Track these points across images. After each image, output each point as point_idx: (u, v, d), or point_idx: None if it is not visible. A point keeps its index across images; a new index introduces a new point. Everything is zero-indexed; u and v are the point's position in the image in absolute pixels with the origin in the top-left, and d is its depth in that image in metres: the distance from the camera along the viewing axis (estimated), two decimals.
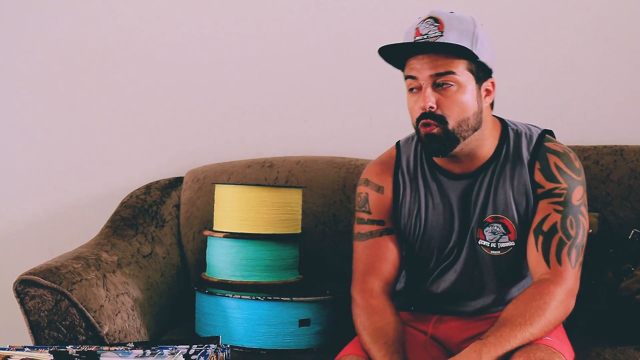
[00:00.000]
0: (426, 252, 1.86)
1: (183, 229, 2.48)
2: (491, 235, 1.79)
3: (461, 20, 1.71)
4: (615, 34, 2.53)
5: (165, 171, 2.68)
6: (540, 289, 1.65)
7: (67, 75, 2.74)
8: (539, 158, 1.77)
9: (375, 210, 1.87)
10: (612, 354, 1.88)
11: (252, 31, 2.67)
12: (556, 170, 1.76)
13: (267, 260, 2.08)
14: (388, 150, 1.94)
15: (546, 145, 1.79)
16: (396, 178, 1.87)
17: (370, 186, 1.89)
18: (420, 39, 1.69)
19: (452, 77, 1.69)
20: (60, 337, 1.93)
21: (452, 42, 1.66)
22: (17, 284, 1.96)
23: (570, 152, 1.79)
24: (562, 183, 1.74)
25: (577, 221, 1.73)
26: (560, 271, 1.67)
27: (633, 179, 2.30)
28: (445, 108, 1.70)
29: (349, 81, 2.64)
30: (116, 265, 2.15)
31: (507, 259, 1.80)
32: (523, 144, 1.80)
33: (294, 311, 1.98)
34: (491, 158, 1.79)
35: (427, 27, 1.70)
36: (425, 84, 1.70)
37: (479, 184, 1.79)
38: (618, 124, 2.52)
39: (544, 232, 1.72)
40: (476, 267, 1.82)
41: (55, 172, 2.75)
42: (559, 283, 1.66)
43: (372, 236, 1.86)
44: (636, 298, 1.99)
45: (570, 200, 1.73)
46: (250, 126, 2.68)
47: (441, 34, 1.68)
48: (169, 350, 1.75)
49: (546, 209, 1.74)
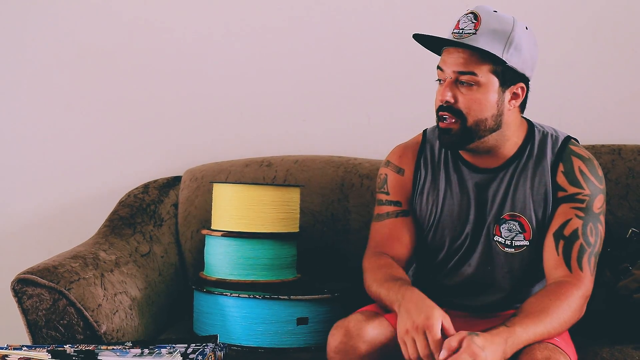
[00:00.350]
0: (439, 242, 1.87)
1: (181, 228, 2.48)
2: (507, 232, 1.80)
3: (500, 20, 1.72)
4: (613, 34, 2.53)
5: (163, 170, 2.68)
6: (563, 289, 1.66)
7: (65, 74, 2.74)
8: (563, 160, 1.79)
9: (393, 191, 1.89)
10: (610, 353, 1.88)
11: (250, 30, 2.67)
12: (580, 176, 1.77)
13: (265, 259, 2.08)
14: (414, 137, 1.95)
15: (571, 148, 1.81)
16: (418, 163, 1.89)
17: (390, 167, 1.91)
18: (456, 32, 1.71)
19: (473, 78, 1.71)
20: (58, 336, 1.93)
21: (482, 42, 1.68)
22: (15, 283, 1.96)
23: (594, 159, 1.81)
24: (586, 189, 1.76)
25: (596, 229, 1.74)
26: (582, 276, 1.69)
27: (631, 178, 2.30)
28: (463, 105, 1.72)
29: (347, 80, 2.64)
30: (114, 264, 2.15)
31: (520, 258, 1.81)
32: (548, 145, 1.81)
33: (291, 310, 1.98)
34: (514, 156, 1.81)
35: (465, 22, 1.71)
36: (448, 78, 1.73)
37: (500, 180, 1.81)
38: (616, 123, 2.53)
39: (565, 237, 1.73)
40: (490, 263, 1.83)
41: (53, 171, 2.75)
42: (579, 287, 1.68)
43: (389, 217, 1.88)
44: (634, 297, 1.99)
45: (591, 208, 1.75)
46: (248, 125, 2.68)
47: (474, 32, 1.69)
48: (166, 349, 1.75)
49: (567, 213, 1.75)
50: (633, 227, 2.19)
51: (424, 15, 2.58)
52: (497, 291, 1.85)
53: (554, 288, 1.67)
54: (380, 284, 1.72)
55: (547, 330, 1.61)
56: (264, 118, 2.67)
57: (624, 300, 2.00)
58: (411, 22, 2.52)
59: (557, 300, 1.63)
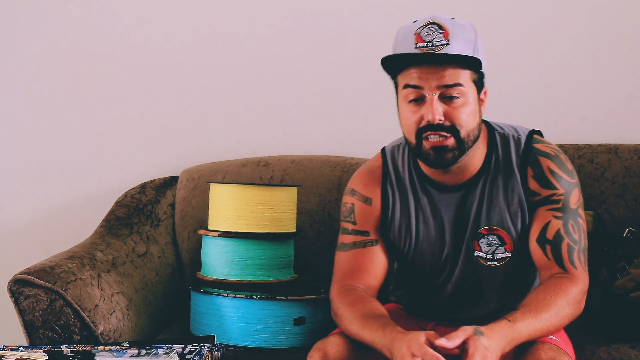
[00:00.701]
0: (419, 265, 1.82)
1: (178, 228, 2.48)
2: (487, 246, 1.75)
3: (463, 27, 1.66)
4: (610, 33, 2.53)
5: (160, 170, 2.68)
6: (561, 285, 1.63)
7: (62, 75, 2.74)
8: (531, 163, 1.73)
9: (360, 221, 1.82)
10: (607, 352, 1.88)
11: (247, 31, 2.67)
12: (551, 176, 1.72)
13: (262, 259, 2.08)
14: (373, 159, 1.88)
15: (536, 147, 1.74)
16: (384, 190, 1.82)
17: (357, 196, 1.83)
18: (424, 46, 1.62)
19: (459, 89, 1.64)
20: (54, 337, 1.93)
21: (458, 51, 1.62)
22: (12, 284, 1.95)
23: (561, 153, 1.75)
24: (559, 188, 1.71)
25: (577, 225, 1.71)
26: (577, 273, 1.67)
27: (627, 177, 2.30)
28: (454, 118, 1.64)
29: (344, 81, 2.64)
30: (111, 265, 2.14)
31: (504, 269, 1.77)
32: (512, 149, 1.75)
33: (288, 310, 1.98)
34: (482, 169, 1.75)
35: (430, 34, 1.63)
36: (431, 94, 1.64)
37: (471, 196, 1.75)
38: (613, 122, 2.53)
39: (549, 241, 1.69)
40: (473, 278, 1.78)
41: (50, 172, 2.75)
42: (577, 283, 1.65)
43: (356, 247, 1.80)
44: (630, 296, 1.99)
45: (568, 205, 1.71)
46: (245, 125, 2.68)
47: (447, 42, 1.62)
48: (163, 350, 1.75)
49: (545, 216, 1.71)
50: (630, 226, 2.20)
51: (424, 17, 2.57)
52: (487, 303, 1.81)
53: (553, 283, 1.64)
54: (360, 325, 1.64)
55: (547, 326, 1.58)
56: (260, 118, 2.67)
57: (621, 300, 2.00)
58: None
59: (556, 296, 1.61)
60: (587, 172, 2.33)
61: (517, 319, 1.55)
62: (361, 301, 1.71)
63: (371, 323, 1.62)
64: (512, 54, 2.55)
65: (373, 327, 1.61)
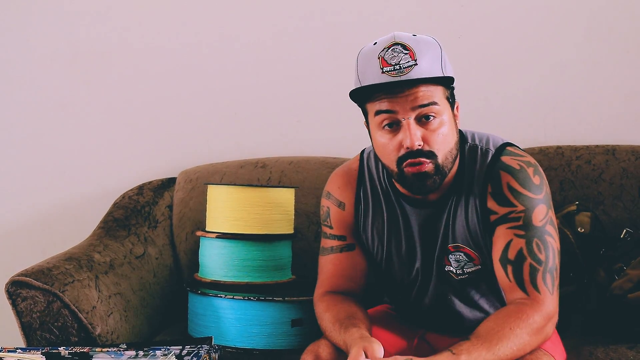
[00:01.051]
0: (392, 276, 1.79)
1: (176, 230, 2.48)
2: (455, 262, 1.70)
3: (428, 44, 1.57)
4: (607, 35, 2.53)
5: (157, 172, 2.68)
6: (520, 312, 1.55)
7: (60, 75, 2.73)
8: (492, 179, 1.64)
9: (336, 225, 1.80)
10: (605, 353, 1.88)
11: (244, 34, 2.67)
12: (509, 192, 1.62)
13: (259, 261, 2.08)
14: (352, 160, 1.84)
15: (502, 160, 1.65)
16: (358, 195, 1.78)
17: (332, 200, 1.81)
18: (391, 70, 1.54)
19: (434, 108, 1.56)
20: (52, 339, 1.93)
21: (427, 70, 1.54)
22: (9, 286, 1.95)
23: (529, 167, 1.64)
24: (518, 205, 1.61)
25: (544, 243, 1.60)
26: (540, 298, 1.57)
27: (625, 179, 2.30)
28: (432, 143, 1.57)
29: (342, 82, 2.62)
30: (108, 266, 2.14)
31: (476, 279, 1.72)
32: (477, 162, 1.67)
33: (286, 311, 1.98)
34: (452, 184, 1.68)
35: (395, 56, 1.55)
36: (406, 119, 1.56)
37: (440, 213, 1.69)
38: (610, 123, 2.53)
39: (511, 261, 1.60)
40: (448, 291, 1.74)
41: (47, 173, 2.75)
42: (538, 310, 1.56)
43: (333, 251, 1.80)
44: (628, 297, 1.99)
45: (531, 223, 1.60)
46: (242, 127, 2.68)
47: (415, 63, 1.54)
48: (161, 351, 1.75)
49: (506, 234, 1.61)
50: (627, 227, 2.20)
51: (419, 18, 2.58)
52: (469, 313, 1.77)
53: (512, 310, 1.56)
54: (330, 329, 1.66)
55: (500, 357, 1.50)
56: (258, 119, 2.67)
57: (619, 300, 2.00)
58: (405, 25, 2.51)
59: (514, 323, 1.52)
60: (585, 173, 2.33)
61: (463, 352, 1.48)
62: (334, 305, 1.71)
63: (338, 326, 1.63)
64: (509, 55, 2.55)
65: (339, 330, 1.62)
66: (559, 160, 2.35)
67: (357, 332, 1.58)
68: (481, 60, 2.55)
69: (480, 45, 2.55)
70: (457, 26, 2.57)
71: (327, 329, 1.69)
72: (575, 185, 2.33)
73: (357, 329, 1.60)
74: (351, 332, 1.59)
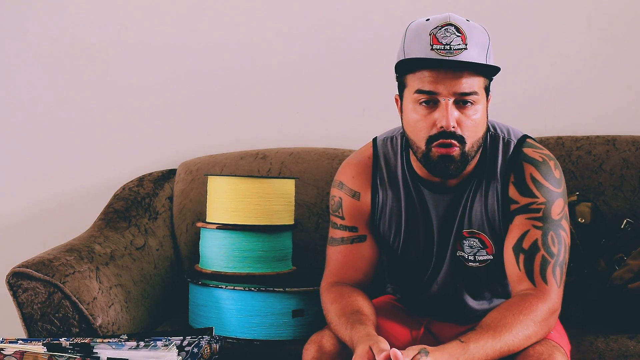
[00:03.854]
0: (406, 261, 1.80)
1: (176, 221, 2.48)
2: (469, 248, 1.72)
3: (479, 31, 1.59)
4: (608, 24, 2.53)
5: (158, 163, 2.67)
6: (526, 303, 1.57)
7: (59, 68, 2.73)
8: (514, 168, 1.66)
9: (348, 216, 1.78)
10: (605, 343, 1.89)
11: (243, 23, 2.67)
12: (532, 183, 1.64)
13: (260, 252, 2.08)
14: (364, 148, 1.83)
15: (524, 152, 1.68)
16: (374, 183, 1.77)
17: (345, 190, 1.79)
18: (441, 49, 1.55)
19: (474, 97, 1.58)
20: (53, 330, 1.93)
21: (475, 56, 1.56)
22: (10, 277, 1.95)
23: (550, 160, 1.68)
24: (540, 197, 1.63)
25: (558, 237, 1.63)
26: (547, 290, 1.59)
27: (625, 169, 2.31)
28: (464, 128, 1.59)
29: (342, 72, 2.64)
30: (109, 258, 2.14)
31: (486, 270, 1.74)
32: (499, 151, 1.69)
33: (287, 302, 1.98)
34: (473, 172, 1.70)
35: (447, 36, 1.56)
36: (445, 100, 1.57)
37: (458, 199, 1.71)
38: (611, 114, 2.53)
39: (524, 250, 1.62)
40: (458, 279, 1.76)
41: (48, 165, 2.74)
42: (544, 301, 1.57)
43: (344, 242, 1.79)
44: (628, 287, 1.99)
45: (549, 215, 1.63)
46: (242, 118, 2.68)
47: (465, 47, 1.55)
48: (162, 342, 1.75)
49: (524, 224, 1.64)
50: (627, 218, 2.20)
51: (420, 7, 2.57)
52: (476, 303, 1.79)
53: (518, 301, 1.58)
54: (336, 323, 1.64)
55: (507, 346, 1.51)
56: (258, 111, 2.67)
57: (619, 291, 2.01)
58: (406, 15, 2.51)
59: (520, 314, 1.54)
60: (585, 163, 2.33)
61: (471, 340, 1.50)
62: (341, 298, 1.70)
63: (344, 321, 1.62)
64: (510, 46, 2.55)
65: (346, 325, 1.61)
66: (559, 151, 2.35)
67: (364, 329, 1.57)
68: None
69: None
70: None
71: (332, 321, 1.68)
72: (575, 176, 2.33)
73: (363, 326, 1.59)
74: (357, 329, 1.58)
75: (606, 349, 1.87)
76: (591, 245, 2.15)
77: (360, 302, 1.69)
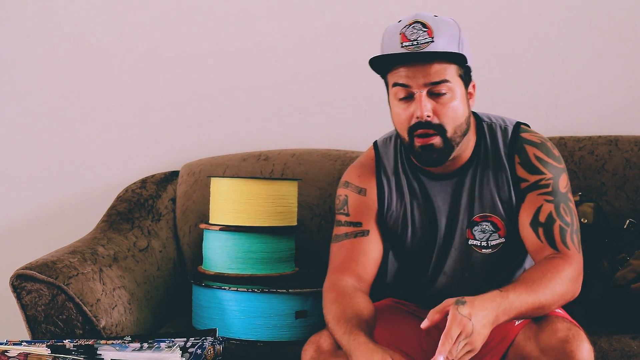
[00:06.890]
0: (413, 252, 1.84)
1: (179, 223, 2.48)
2: (481, 234, 1.78)
3: (447, 24, 1.69)
4: (610, 25, 2.53)
5: (161, 165, 2.68)
6: (555, 263, 1.64)
7: (62, 69, 2.73)
8: (517, 151, 1.77)
9: (354, 212, 1.83)
10: (608, 343, 1.89)
11: (246, 25, 2.67)
12: (537, 162, 1.75)
13: (263, 253, 2.08)
14: (366, 152, 1.91)
15: (522, 136, 1.78)
16: (379, 179, 1.84)
17: (351, 188, 1.85)
18: (409, 45, 1.66)
19: (446, 85, 1.67)
20: (57, 331, 1.94)
21: (442, 47, 1.65)
22: (14, 279, 1.96)
23: (547, 141, 1.79)
24: (547, 173, 1.74)
25: (569, 208, 1.73)
26: (570, 254, 1.67)
27: (628, 169, 2.31)
28: (442, 116, 1.68)
29: (344, 74, 2.64)
30: (112, 259, 2.15)
31: (498, 256, 1.79)
32: (499, 137, 1.79)
33: (290, 303, 1.99)
34: (471, 158, 1.78)
35: (414, 32, 1.67)
36: (419, 92, 1.67)
37: (462, 185, 1.78)
38: (613, 114, 2.53)
39: (542, 224, 1.71)
40: (467, 268, 1.80)
41: (51, 168, 2.75)
42: (570, 263, 1.65)
43: (347, 237, 1.82)
44: (631, 287, 1.99)
45: (558, 189, 1.73)
46: (245, 119, 2.68)
47: (432, 40, 1.65)
48: (166, 344, 1.75)
49: (536, 200, 1.73)
50: (630, 218, 2.20)
51: (421, 8, 2.57)
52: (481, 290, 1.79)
53: (547, 262, 1.65)
54: (333, 325, 1.65)
55: (541, 302, 1.57)
56: (261, 112, 2.67)
57: (622, 291, 2.01)
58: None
59: (550, 272, 1.61)
60: (588, 163, 2.33)
61: (509, 290, 1.55)
62: (342, 298, 1.70)
63: (342, 325, 1.63)
64: (513, 47, 2.55)
65: (343, 329, 1.62)
66: (561, 151, 2.34)
67: (360, 338, 1.58)
68: (484, 51, 2.55)
69: (484, 37, 2.55)
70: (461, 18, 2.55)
71: (330, 323, 1.68)
72: (578, 176, 2.33)
73: (361, 334, 1.59)
74: (354, 335, 1.59)
75: (609, 349, 1.87)
76: (594, 246, 2.15)
77: (361, 304, 1.70)
